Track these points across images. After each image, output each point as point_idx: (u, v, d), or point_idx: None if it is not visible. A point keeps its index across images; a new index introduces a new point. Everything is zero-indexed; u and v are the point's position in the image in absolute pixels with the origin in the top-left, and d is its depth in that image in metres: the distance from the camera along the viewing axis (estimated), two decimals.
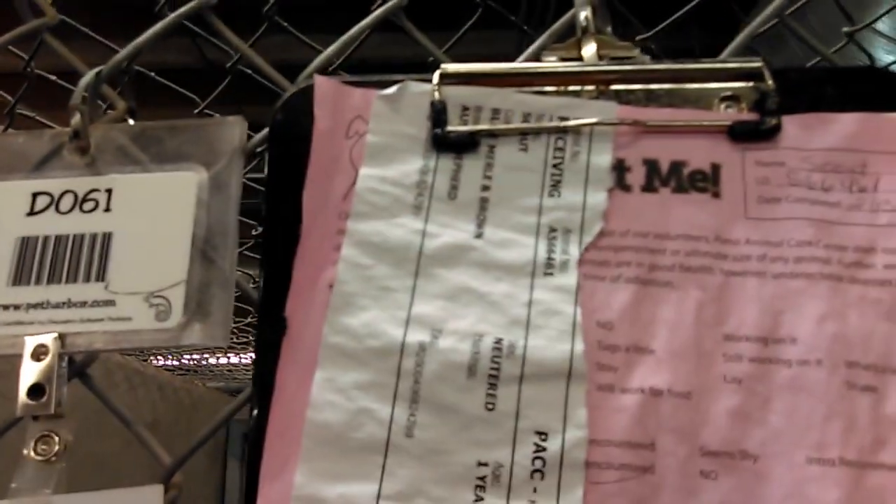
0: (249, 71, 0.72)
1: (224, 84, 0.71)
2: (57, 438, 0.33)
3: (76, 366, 0.35)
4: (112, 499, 0.32)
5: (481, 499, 0.29)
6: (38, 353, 0.33)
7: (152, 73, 0.78)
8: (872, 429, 0.29)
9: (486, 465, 0.30)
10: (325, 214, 0.34)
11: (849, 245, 0.32)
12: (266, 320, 0.33)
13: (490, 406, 0.31)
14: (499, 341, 0.31)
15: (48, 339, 0.33)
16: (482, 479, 0.30)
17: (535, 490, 0.29)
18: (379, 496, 0.30)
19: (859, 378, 0.30)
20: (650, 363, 0.31)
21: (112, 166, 0.37)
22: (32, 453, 0.33)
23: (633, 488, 0.29)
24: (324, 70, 0.40)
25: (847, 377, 0.30)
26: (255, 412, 0.32)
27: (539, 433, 0.30)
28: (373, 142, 0.35)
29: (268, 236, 0.35)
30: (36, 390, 0.32)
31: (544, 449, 0.30)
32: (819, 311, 0.31)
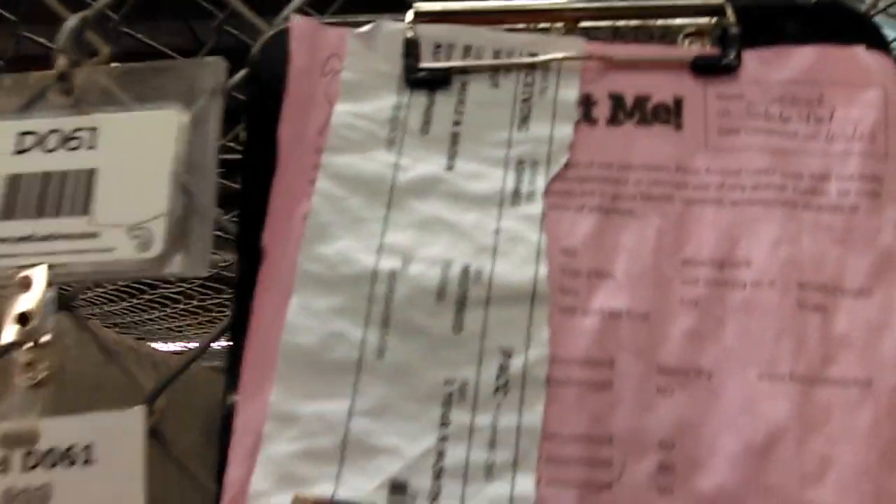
0: (236, 31, 0.72)
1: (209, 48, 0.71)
2: (44, 365, 0.34)
3: (64, 298, 0.37)
4: (96, 420, 0.33)
5: (448, 413, 0.31)
6: (25, 284, 0.34)
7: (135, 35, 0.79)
8: (822, 346, 0.31)
9: (452, 383, 0.31)
10: (300, 149, 0.36)
11: (804, 173, 0.33)
12: (244, 250, 0.34)
13: (457, 328, 0.32)
14: (466, 267, 0.33)
15: (35, 269, 0.34)
16: (449, 395, 0.31)
17: (498, 406, 0.31)
18: (351, 412, 0.31)
19: (810, 298, 0.31)
20: (611, 287, 0.32)
21: (96, 107, 0.38)
22: (20, 379, 0.34)
23: (592, 403, 0.30)
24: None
25: (798, 298, 0.31)
26: (232, 338, 0.34)
27: (503, 352, 0.31)
28: (348, 79, 0.36)
29: (246, 170, 0.36)
30: (23, 318, 0.34)
31: (508, 367, 0.31)
32: (773, 236, 0.32)
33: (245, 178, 0.36)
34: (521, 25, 0.37)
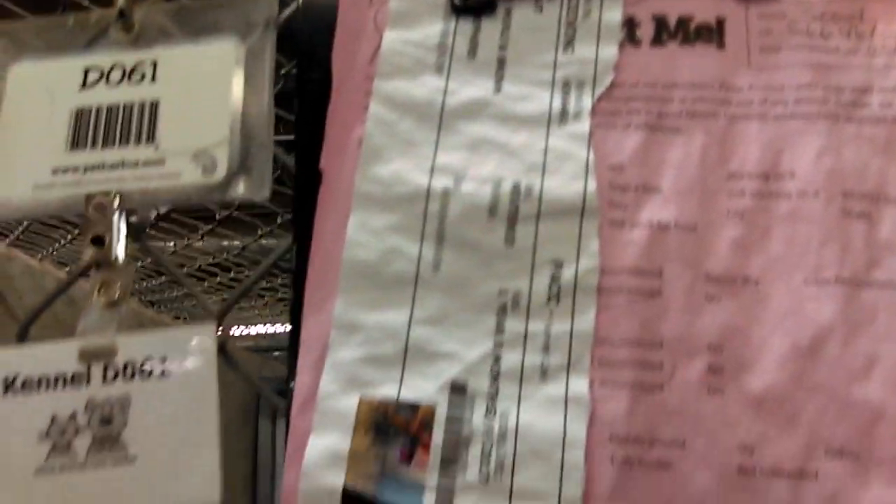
0: None
1: None
2: (118, 285, 0.35)
3: (133, 227, 0.37)
4: (170, 335, 0.34)
5: (503, 321, 0.31)
6: (97, 209, 0.35)
7: None
8: (866, 251, 0.30)
9: (506, 293, 0.31)
10: (352, 77, 0.35)
11: (846, 86, 0.33)
12: (303, 173, 0.35)
13: (509, 242, 0.32)
14: (517, 184, 0.33)
15: (106, 195, 0.35)
16: (503, 305, 0.31)
17: (551, 313, 0.31)
18: (410, 321, 0.31)
19: (854, 206, 0.31)
20: (658, 201, 0.32)
21: (155, 42, 0.38)
22: (97, 299, 0.35)
23: (641, 310, 0.31)
24: None
25: (843, 206, 0.31)
26: (296, 257, 0.34)
27: (555, 263, 0.31)
28: (396, 7, 0.36)
29: (301, 99, 0.36)
30: (98, 241, 0.34)
31: (560, 277, 0.31)
32: (817, 148, 0.32)
33: (300, 107, 0.36)
34: None
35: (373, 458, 0.29)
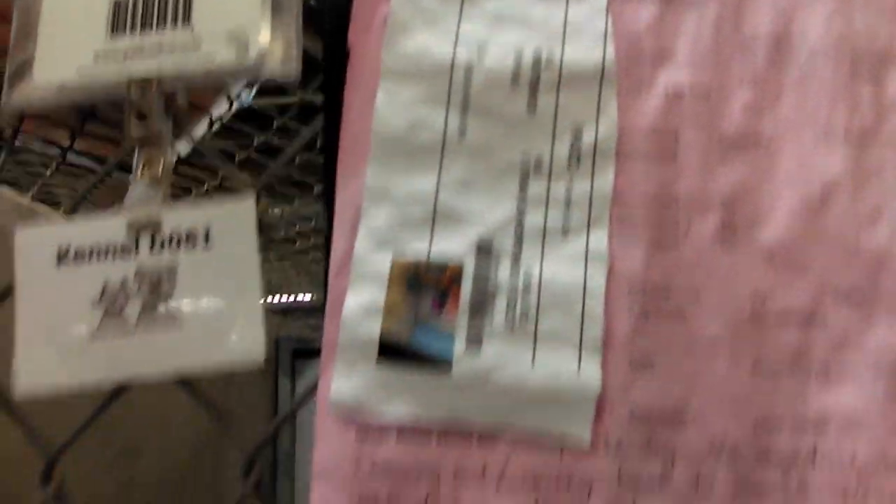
0: None
1: None
2: (160, 162, 0.35)
3: (171, 109, 0.37)
4: (212, 208, 0.34)
5: (525, 184, 0.31)
6: (139, 90, 0.35)
7: None
8: (874, 110, 0.30)
9: (528, 158, 0.31)
10: None
11: None
12: (331, 49, 0.34)
13: (531, 109, 0.32)
14: (538, 54, 0.32)
15: (146, 78, 0.35)
16: (526, 169, 0.31)
17: (571, 176, 0.31)
18: (438, 186, 0.31)
19: (863, 67, 0.30)
20: (673, 67, 0.32)
21: None
22: (141, 175, 0.35)
23: (658, 171, 0.30)
24: None
25: (852, 67, 0.30)
26: (326, 130, 0.34)
27: (575, 128, 0.31)
28: None
29: None
30: (140, 118, 0.35)
31: (580, 141, 0.31)
32: (827, 12, 0.31)
33: None
34: None
35: (406, 309, 0.30)
